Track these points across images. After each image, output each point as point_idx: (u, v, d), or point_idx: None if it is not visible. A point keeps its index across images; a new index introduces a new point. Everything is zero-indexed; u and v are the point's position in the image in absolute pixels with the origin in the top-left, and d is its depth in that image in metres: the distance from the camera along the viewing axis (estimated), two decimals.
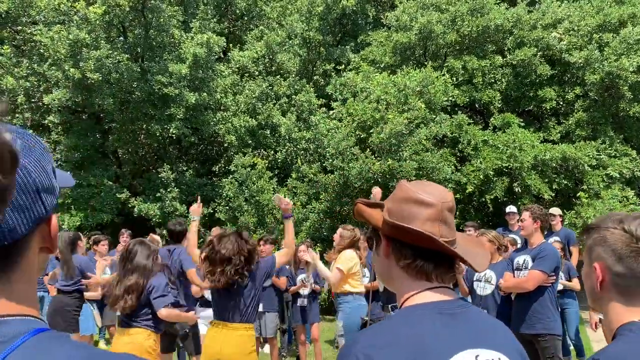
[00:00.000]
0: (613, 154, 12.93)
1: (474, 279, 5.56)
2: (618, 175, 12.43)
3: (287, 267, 7.62)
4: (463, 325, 1.22)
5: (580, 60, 13.30)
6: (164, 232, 12.29)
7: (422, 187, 1.34)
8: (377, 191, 5.76)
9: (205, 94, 14.32)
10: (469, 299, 5.59)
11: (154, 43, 14.43)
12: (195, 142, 15.65)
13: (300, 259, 7.33)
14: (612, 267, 1.37)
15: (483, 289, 5.48)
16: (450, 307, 1.25)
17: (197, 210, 5.15)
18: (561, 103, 14.40)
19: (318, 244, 11.99)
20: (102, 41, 13.25)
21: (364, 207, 1.41)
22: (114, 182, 14.95)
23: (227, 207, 13.98)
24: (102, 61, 12.83)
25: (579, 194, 12.49)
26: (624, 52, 12.73)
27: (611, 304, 1.39)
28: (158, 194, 13.87)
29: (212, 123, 14.88)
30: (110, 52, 13.10)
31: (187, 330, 5.47)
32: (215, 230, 7.54)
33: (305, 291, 7.44)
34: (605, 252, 1.38)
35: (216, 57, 15.03)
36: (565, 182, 12.66)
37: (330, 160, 12.83)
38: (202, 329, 6.32)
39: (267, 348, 8.21)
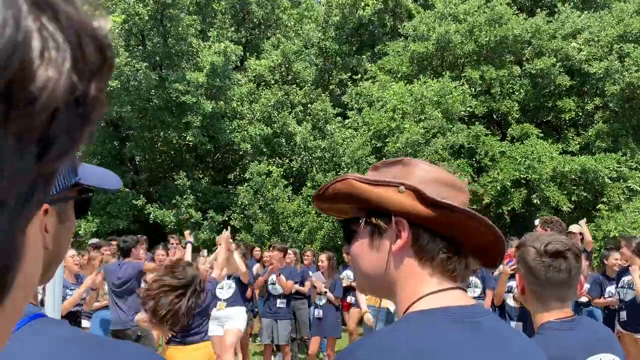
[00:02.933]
0: (634, 166, 12.72)
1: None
2: (638, 188, 12.20)
3: (297, 270, 7.57)
4: (488, 337, 1.03)
5: (600, 71, 13.14)
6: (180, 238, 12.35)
7: (437, 167, 1.10)
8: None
9: (221, 102, 14.42)
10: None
11: (172, 51, 14.58)
12: (211, 149, 15.73)
13: (320, 269, 7.28)
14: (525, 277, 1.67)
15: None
16: (469, 314, 1.02)
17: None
18: (580, 114, 14.22)
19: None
20: (121, 49, 13.41)
21: (363, 185, 1.04)
22: (131, 188, 15.06)
23: (242, 215, 13.99)
24: (120, 69, 12.98)
25: (599, 207, 12.27)
26: None
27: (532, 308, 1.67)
28: (174, 201, 13.94)
29: (228, 131, 14.94)
30: (129, 60, 13.25)
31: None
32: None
33: (321, 301, 7.30)
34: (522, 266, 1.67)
35: (233, 65, 15.13)
36: (585, 194, 12.47)
37: (346, 169, 12.79)
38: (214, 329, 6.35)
39: (279, 357, 8.13)
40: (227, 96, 14.85)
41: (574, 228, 8.13)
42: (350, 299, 7.76)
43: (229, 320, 6.28)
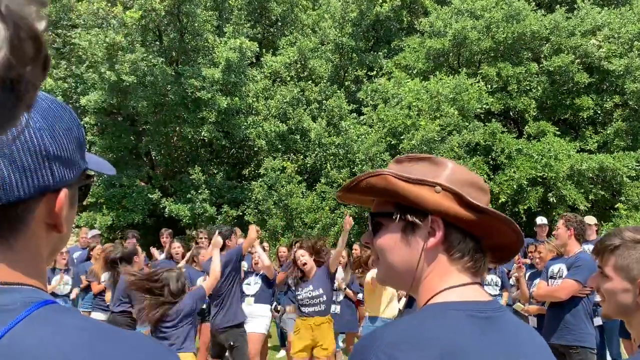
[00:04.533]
0: None
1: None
2: None
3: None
4: (500, 332, 1.04)
5: (620, 68, 12.94)
6: (194, 233, 12.43)
7: (464, 168, 1.14)
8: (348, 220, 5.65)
9: (237, 98, 14.46)
10: None
11: (189, 47, 14.66)
12: (226, 145, 15.81)
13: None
14: None
15: None
16: (486, 309, 1.05)
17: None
18: (599, 112, 14.01)
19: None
20: (138, 44, 13.51)
21: (401, 183, 1.07)
22: (146, 183, 15.19)
23: (256, 210, 14.04)
24: (137, 64, 13.08)
25: (617, 205, 12.09)
26: None
27: None
28: (189, 196, 14.03)
29: (243, 127, 14.99)
30: (145, 55, 13.35)
31: (232, 343, 5.72)
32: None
33: (338, 297, 7.26)
34: None
35: (249, 62, 15.17)
36: (602, 193, 12.30)
37: (360, 165, 12.76)
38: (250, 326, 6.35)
39: (282, 353, 8.13)
40: (243, 92, 14.90)
41: (589, 219, 8.05)
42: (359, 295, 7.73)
43: (252, 320, 6.25)
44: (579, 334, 4.69)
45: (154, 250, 8.06)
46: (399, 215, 1.11)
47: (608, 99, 13.80)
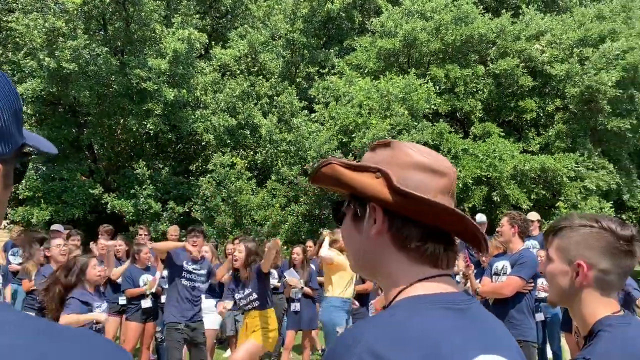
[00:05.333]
0: (591, 167, 13.09)
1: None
2: (595, 188, 12.55)
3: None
4: (473, 324, 1.01)
5: (561, 73, 13.46)
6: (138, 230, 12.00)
7: (427, 151, 1.06)
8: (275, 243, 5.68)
9: (184, 90, 14.07)
10: None
11: (135, 37, 14.15)
12: (173, 139, 15.37)
13: (294, 261, 7.15)
14: (598, 264, 1.46)
15: None
16: (458, 301, 1.02)
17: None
18: (541, 114, 14.54)
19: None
20: (80, 31, 12.92)
21: (344, 171, 1.06)
22: (88, 177, 14.57)
23: (204, 207, 13.72)
24: (79, 52, 12.50)
25: (557, 204, 12.58)
26: (603, 66, 12.92)
27: (587, 299, 1.49)
28: (132, 191, 13.56)
29: (190, 120, 14.62)
30: (87, 42, 12.78)
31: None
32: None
33: (297, 295, 7.16)
34: (590, 250, 1.47)
35: (197, 53, 14.81)
36: (544, 193, 12.75)
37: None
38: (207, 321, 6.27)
39: (228, 352, 7.99)
40: (190, 84, 14.52)
41: (532, 215, 8.34)
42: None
43: (205, 316, 6.18)
44: (522, 328, 4.80)
45: (93, 246, 7.70)
46: (347, 203, 1.11)
47: (550, 102, 14.33)
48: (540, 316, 6.53)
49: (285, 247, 11.14)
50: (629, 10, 15.36)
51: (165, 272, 6.49)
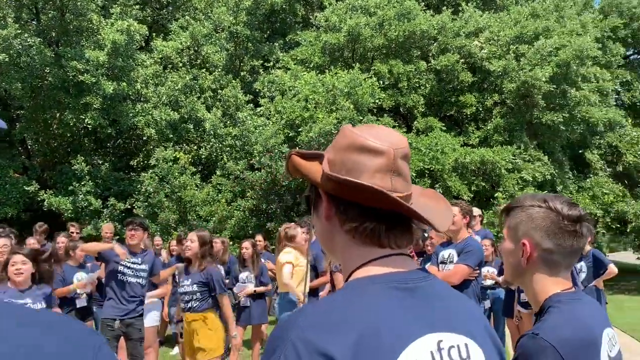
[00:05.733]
0: (527, 159, 13.66)
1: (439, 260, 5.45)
2: (531, 179, 13.12)
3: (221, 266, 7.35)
4: (424, 303, 0.99)
5: (499, 69, 13.95)
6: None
7: (370, 130, 1.07)
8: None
9: (124, 83, 13.60)
10: None
11: (70, 27, 13.54)
12: (113, 134, 14.83)
13: (244, 256, 7.04)
14: (542, 243, 1.48)
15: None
16: (408, 279, 1.01)
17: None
18: (480, 109, 15.03)
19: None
20: (10, 19, 12.23)
21: (299, 160, 1.12)
22: (21, 173, 13.84)
23: (146, 203, 13.35)
24: (9, 41, 11.83)
25: (496, 195, 13.06)
26: (538, 62, 13.50)
27: (536, 277, 1.52)
28: (70, 188, 13.01)
29: (131, 114, 14.15)
30: (19, 32, 12.11)
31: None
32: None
33: (248, 288, 7.08)
34: (535, 230, 1.49)
35: (137, 45, 14.34)
36: (483, 184, 13.21)
37: (258, 157, 12.60)
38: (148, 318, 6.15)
39: (176, 349, 7.85)
40: (131, 77, 14.05)
41: (475, 211, 8.62)
42: None
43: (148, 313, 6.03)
44: None
45: (29, 242, 7.32)
46: (309, 192, 1.14)
47: (488, 97, 14.84)
48: (487, 303, 6.77)
49: (232, 243, 11.00)
50: (561, 10, 16.13)
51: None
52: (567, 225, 1.47)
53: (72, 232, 8.01)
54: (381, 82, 14.43)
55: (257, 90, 15.04)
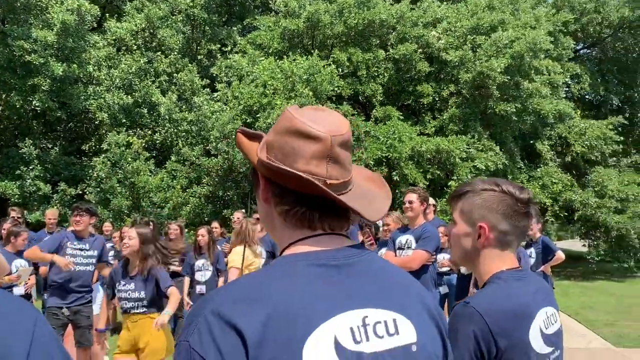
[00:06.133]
0: (480, 148, 13.96)
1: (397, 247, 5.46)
2: (484, 168, 13.43)
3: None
4: (351, 279, 0.99)
5: (455, 60, 14.15)
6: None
7: (311, 115, 1.06)
8: None
9: (75, 65, 13.11)
10: None
11: (17, 4, 12.92)
12: (63, 117, 14.30)
13: (200, 243, 6.93)
14: (498, 225, 1.54)
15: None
16: (336, 257, 1.01)
17: None
18: (437, 99, 15.23)
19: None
20: None
21: (242, 139, 1.13)
22: None
23: (98, 189, 12.97)
24: None
25: (450, 184, 13.31)
26: (493, 54, 13.76)
27: (488, 258, 1.57)
28: (18, 172, 12.50)
29: (82, 97, 13.66)
30: None
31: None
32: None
33: (204, 277, 6.96)
34: (491, 213, 1.54)
35: (89, 26, 13.83)
36: (438, 173, 13.43)
37: (214, 143, 12.41)
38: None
39: None
40: (82, 59, 13.55)
41: (429, 201, 8.75)
42: None
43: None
44: None
45: None
46: (250, 172, 1.17)
47: (445, 88, 15.06)
48: (444, 289, 6.91)
49: (187, 230, 10.83)
50: (516, 3, 16.49)
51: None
52: (521, 207, 1.55)
53: (13, 216, 7.72)
54: (340, 69, 14.43)
55: (214, 75, 14.78)
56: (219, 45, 16.51)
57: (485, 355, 1.40)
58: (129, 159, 12.93)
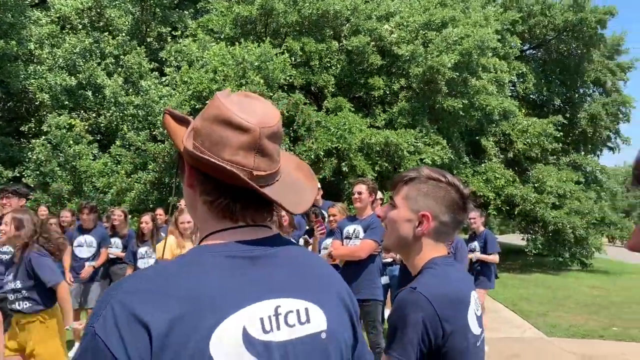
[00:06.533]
0: (428, 142, 14.22)
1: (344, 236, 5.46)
2: (430, 162, 13.70)
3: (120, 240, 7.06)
4: (265, 270, 1.00)
5: (406, 54, 14.32)
6: None
7: (241, 104, 1.04)
8: None
9: (13, 42, 12.48)
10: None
11: None
12: (1, 96, 13.60)
13: (142, 230, 6.74)
14: (440, 216, 1.57)
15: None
16: (253, 249, 1.01)
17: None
18: (388, 92, 15.38)
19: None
20: None
21: (169, 121, 1.10)
22: None
23: (37, 172, 12.43)
24: None
25: None
26: (443, 49, 14.01)
27: (423, 246, 1.59)
28: None
29: (22, 76, 13.04)
30: None
31: None
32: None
33: (146, 264, 6.78)
34: (437, 203, 1.57)
35: (30, 1, 13.19)
36: (386, 165, 13.60)
37: (161, 128, 12.10)
38: None
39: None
40: (22, 36, 12.92)
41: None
42: None
43: None
44: (373, 288, 5.11)
45: None
46: (175, 157, 1.14)
47: (396, 81, 15.23)
48: (385, 279, 7.02)
49: (131, 217, 10.54)
50: (468, 1, 16.85)
51: None
52: (463, 201, 1.59)
53: None
54: (293, 59, 14.34)
55: (164, 58, 14.40)
56: (170, 29, 16.09)
57: (432, 341, 1.43)
58: (71, 142, 12.46)
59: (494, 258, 7.04)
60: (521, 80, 20.81)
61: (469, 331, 1.52)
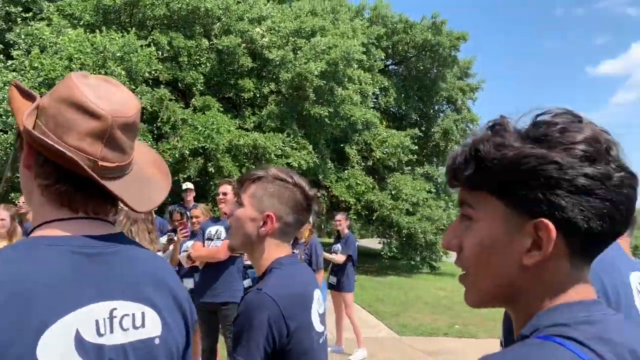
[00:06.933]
0: (295, 147, 14.48)
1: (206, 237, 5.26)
2: (297, 166, 13.95)
3: None
4: (103, 270, 0.94)
5: (277, 59, 14.47)
6: None
7: (98, 88, 0.97)
8: None
9: None
10: None
11: None
12: None
13: None
14: (285, 217, 1.59)
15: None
16: (92, 244, 0.95)
17: None
18: (258, 95, 15.41)
19: None
20: None
21: (15, 94, 1.02)
22: None
23: None
24: None
25: None
26: (312, 57, 14.37)
27: (267, 246, 1.60)
28: None
29: None
30: None
31: None
32: None
33: None
34: (282, 204, 1.59)
35: None
36: (253, 167, 13.59)
37: (4, 118, 10.91)
38: None
39: None
40: None
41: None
42: None
43: None
44: (233, 291, 5.03)
45: None
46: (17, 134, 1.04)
47: (266, 85, 15.30)
48: (248, 282, 6.96)
49: None
50: (337, 13, 17.47)
51: None
52: (307, 203, 1.63)
53: None
54: (160, 52, 13.78)
55: (12, 41, 13.02)
56: (21, 9, 14.60)
57: (277, 340, 1.44)
58: None
59: (338, 258, 7.24)
60: (383, 93, 22.04)
61: (313, 329, 1.56)
